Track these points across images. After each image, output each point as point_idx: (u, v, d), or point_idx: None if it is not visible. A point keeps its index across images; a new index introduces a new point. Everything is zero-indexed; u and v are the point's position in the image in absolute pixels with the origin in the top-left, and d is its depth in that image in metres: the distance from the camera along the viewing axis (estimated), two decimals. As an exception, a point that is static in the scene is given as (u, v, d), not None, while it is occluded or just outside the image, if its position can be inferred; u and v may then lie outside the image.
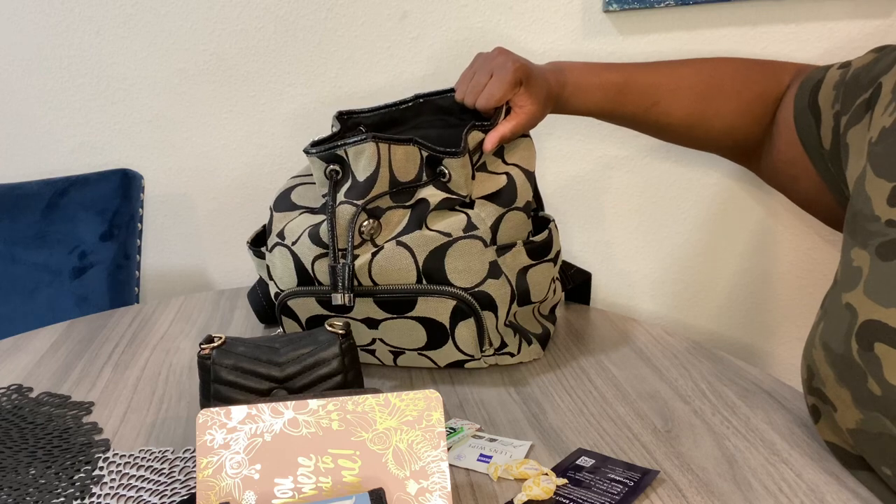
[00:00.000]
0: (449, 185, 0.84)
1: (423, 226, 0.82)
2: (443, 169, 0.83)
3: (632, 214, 1.42)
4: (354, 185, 0.82)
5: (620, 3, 1.28)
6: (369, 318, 0.84)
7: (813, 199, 0.89)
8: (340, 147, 0.83)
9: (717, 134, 0.94)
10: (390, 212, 0.83)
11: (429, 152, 0.83)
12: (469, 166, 0.84)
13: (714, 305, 1.47)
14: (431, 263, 0.80)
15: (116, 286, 1.29)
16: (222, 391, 0.72)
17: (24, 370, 0.93)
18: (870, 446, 0.62)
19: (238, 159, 1.40)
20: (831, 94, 0.80)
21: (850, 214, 0.69)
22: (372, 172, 0.82)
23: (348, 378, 0.74)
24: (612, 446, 0.73)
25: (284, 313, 0.87)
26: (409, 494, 0.56)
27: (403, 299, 0.81)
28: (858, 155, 0.72)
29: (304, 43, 1.34)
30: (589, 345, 0.94)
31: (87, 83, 1.36)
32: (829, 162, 0.81)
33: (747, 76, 0.93)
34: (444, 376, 0.87)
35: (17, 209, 1.30)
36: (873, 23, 1.30)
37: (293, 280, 0.84)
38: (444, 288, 0.80)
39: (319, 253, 0.82)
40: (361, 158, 0.82)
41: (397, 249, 0.80)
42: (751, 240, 1.43)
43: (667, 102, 0.93)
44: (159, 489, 0.69)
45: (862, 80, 0.76)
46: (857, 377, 0.61)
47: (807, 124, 0.83)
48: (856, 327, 0.62)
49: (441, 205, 0.83)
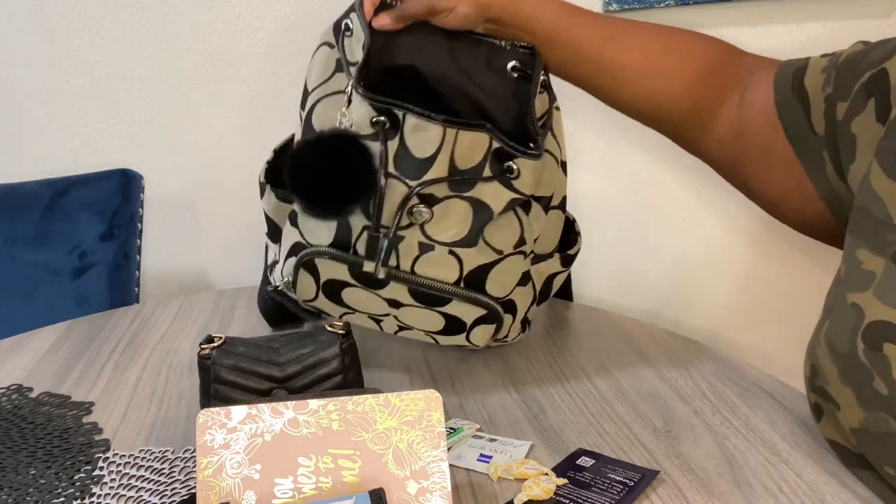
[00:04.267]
0: (514, 184, 0.76)
1: (481, 239, 0.76)
2: (511, 165, 0.75)
3: (631, 214, 1.42)
4: (407, 156, 0.74)
5: (620, 3, 1.28)
6: (395, 300, 0.79)
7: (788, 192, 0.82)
8: (401, 108, 0.75)
9: (676, 92, 0.86)
10: (447, 202, 0.75)
11: (501, 144, 0.75)
12: (541, 168, 0.77)
13: (714, 305, 1.47)
14: (476, 274, 0.77)
15: (116, 286, 1.29)
16: (222, 391, 0.72)
17: (24, 370, 0.93)
18: (873, 445, 0.62)
19: (238, 159, 1.40)
20: (820, 78, 0.77)
21: (855, 211, 0.68)
22: (430, 155, 0.74)
23: (348, 378, 0.74)
24: (612, 446, 0.73)
25: (305, 268, 0.79)
26: (409, 494, 0.56)
27: (438, 296, 0.78)
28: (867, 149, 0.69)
29: (304, 43, 1.34)
30: (589, 345, 0.94)
31: (87, 83, 1.36)
32: (825, 149, 0.76)
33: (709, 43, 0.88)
34: (444, 376, 0.87)
35: (17, 209, 1.30)
36: (873, 23, 1.30)
37: (328, 237, 0.77)
38: (480, 297, 0.78)
39: (367, 224, 0.75)
40: (419, 134, 0.74)
41: (449, 257, 0.76)
42: (751, 240, 1.43)
43: (624, 39, 0.86)
44: (159, 489, 0.69)
45: (858, 64, 0.73)
46: (862, 376, 0.61)
47: (791, 110, 0.79)
48: (862, 327, 0.62)
49: (506, 208, 0.77)
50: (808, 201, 0.80)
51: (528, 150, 0.76)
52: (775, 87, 0.81)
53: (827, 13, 1.30)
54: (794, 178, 0.80)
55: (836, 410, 0.65)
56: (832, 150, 0.75)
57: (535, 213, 0.80)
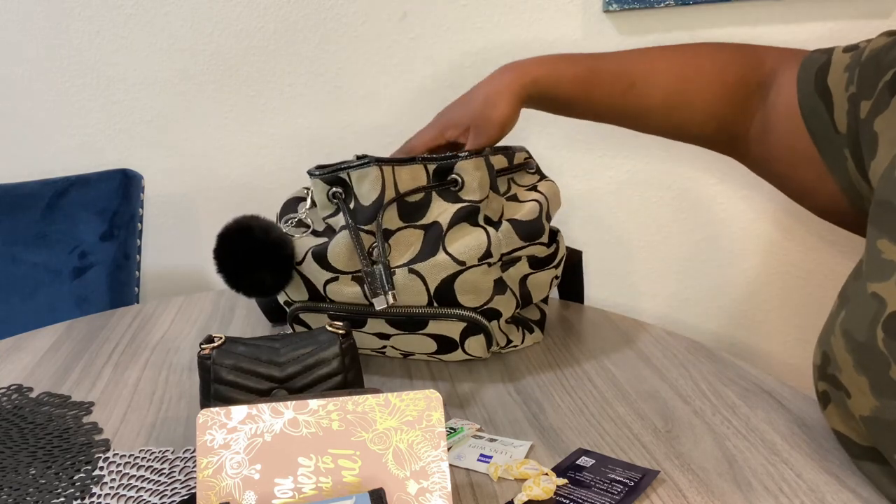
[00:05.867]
0: (461, 195, 0.82)
1: (440, 247, 0.80)
2: (455, 177, 0.82)
3: (631, 214, 1.43)
4: (360, 208, 0.83)
5: (620, 3, 1.28)
6: (381, 333, 0.85)
7: (810, 188, 0.85)
8: (343, 170, 0.84)
9: (700, 119, 0.89)
10: (400, 233, 0.82)
11: (437, 164, 0.82)
12: (484, 167, 0.82)
13: (714, 305, 1.47)
14: (443, 288, 0.80)
15: (116, 286, 1.29)
16: (222, 391, 0.72)
17: (24, 370, 0.93)
18: (883, 434, 0.62)
19: (238, 159, 1.40)
20: (843, 77, 0.77)
21: (876, 204, 0.68)
22: (377, 197, 0.82)
23: (348, 378, 0.74)
24: (612, 446, 0.73)
25: (296, 322, 0.89)
26: (409, 494, 0.56)
27: (415, 319, 0.82)
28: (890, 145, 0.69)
29: (304, 43, 1.34)
30: (589, 345, 0.94)
31: (87, 83, 1.36)
32: (846, 146, 0.77)
33: (727, 59, 0.88)
34: (444, 376, 0.87)
35: (17, 209, 1.30)
36: (873, 23, 1.30)
37: (303, 295, 0.86)
38: (455, 311, 0.81)
39: (330, 277, 0.82)
40: (365, 182, 0.82)
41: (409, 277, 0.80)
42: (751, 240, 1.43)
43: (643, 85, 0.88)
44: (159, 489, 0.69)
45: (882, 61, 0.72)
46: (878, 365, 0.61)
47: (815, 109, 0.80)
48: (883, 316, 0.61)
49: (456, 219, 0.81)
50: (830, 194, 0.81)
51: (464, 154, 0.81)
52: (798, 88, 0.81)
53: (827, 13, 1.30)
54: (815, 173, 0.81)
55: (846, 398, 0.65)
56: (853, 147, 0.75)
57: (507, 231, 0.81)
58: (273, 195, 1.37)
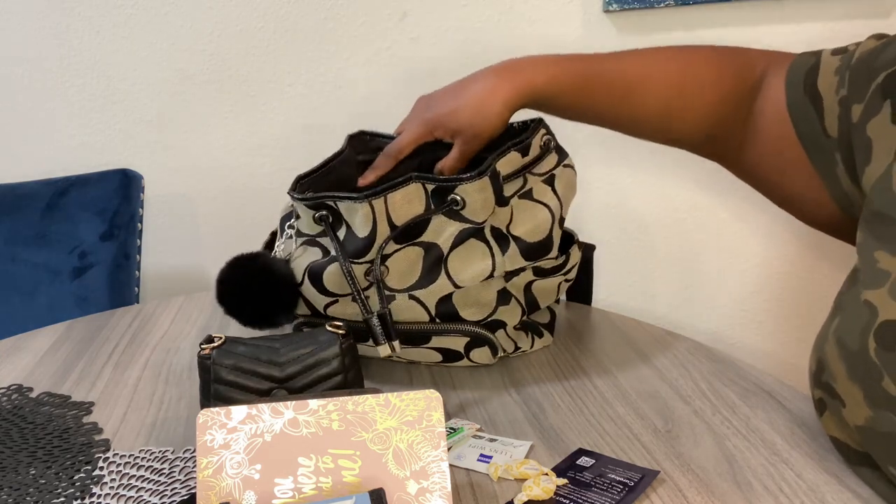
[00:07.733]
0: (463, 213, 0.77)
1: (442, 271, 0.78)
2: (455, 197, 0.76)
3: (631, 215, 1.43)
4: (351, 237, 0.78)
5: (620, 3, 1.28)
6: None
7: (798, 193, 0.83)
8: (330, 198, 0.79)
9: (696, 125, 0.87)
10: (397, 254, 0.78)
11: (435, 184, 0.77)
12: (489, 188, 0.77)
13: (714, 305, 1.47)
14: (444, 305, 0.80)
15: (116, 286, 1.29)
16: (222, 391, 0.72)
17: (24, 370, 0.93)
18: (877, 445, 0.62)
19: (238, 159, 1.40)
20: (833, 80, 0.75)
21: (870, 213, 0.67)
22: (369, 232, 0.77)
23: (348, 378, 0.74)
24: (612, 446, 0.73)
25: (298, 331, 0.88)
26: (409, 494, 0.56)
27: (418, 335, 0.82)
28: (885, 154, 0.68)
29: (304, 43, 1.34)
30: (589, 345, 0.94)
31: (87, 83, 1.36)
32: (837, 151, 0.75)
33: (722, 63, 0.86)
34: (444, 376, 0.87)
35: (17, 209, 1.30)
36: (873, 23, 1.30)
37: (306, 311, 0.85)
38: (457, 326, 0.81)
39: (329, 301, 0.81)
40: (355, 217, 0.78)
41: (409, 302, 0.79)
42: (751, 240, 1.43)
43: (639, 94, 0.86)
44: (159, 489, 0.69)
45: (872, 64, 0.72)
46: (871, 375, 0.61)
47: (804, 113, 0.78)
48: (875, 325, 0.61)
49: (458, 240, 0.78)
50: (818, 200, 0.80)
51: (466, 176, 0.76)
52: (787, 92, 0.80)
53: (827, 13, 1.30)
54: (804, 179, 0.80)
55: (841, 407, 0.65)
56: (844, 152, 0.74)
57: (512, 253, 0.79)
58: (273, 195, 1.37)
